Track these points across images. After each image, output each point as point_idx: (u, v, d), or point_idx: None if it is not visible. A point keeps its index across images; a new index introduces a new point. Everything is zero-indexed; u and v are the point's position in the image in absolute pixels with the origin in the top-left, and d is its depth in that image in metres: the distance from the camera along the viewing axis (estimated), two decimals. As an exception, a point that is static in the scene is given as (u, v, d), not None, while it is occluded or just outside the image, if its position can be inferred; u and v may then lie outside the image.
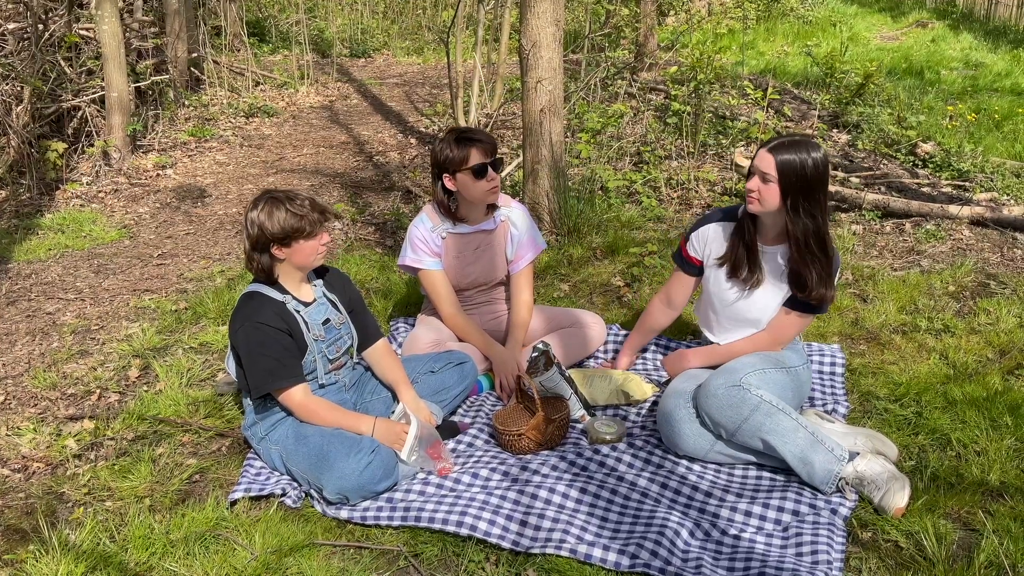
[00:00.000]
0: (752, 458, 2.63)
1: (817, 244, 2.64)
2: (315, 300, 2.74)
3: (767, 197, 2.61)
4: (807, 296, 2.70)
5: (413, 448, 2.59)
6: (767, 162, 2.58)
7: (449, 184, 3.07)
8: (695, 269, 2.95)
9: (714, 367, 2.84)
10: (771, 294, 2.78)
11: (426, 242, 3.16)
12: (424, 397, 2.88)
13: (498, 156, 3.08)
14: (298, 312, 2.66)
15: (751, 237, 2.76)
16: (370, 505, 2.48)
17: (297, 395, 2.60)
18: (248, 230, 2.58)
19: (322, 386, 2.75)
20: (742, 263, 2.78)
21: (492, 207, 3.23)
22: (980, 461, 2.62)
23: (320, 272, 2.83)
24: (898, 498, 2.37)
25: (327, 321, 2.74)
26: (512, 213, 3.28)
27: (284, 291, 2.67)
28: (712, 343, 2.94)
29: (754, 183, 2.63)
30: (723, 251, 2.83)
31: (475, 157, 3.00)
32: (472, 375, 3.04)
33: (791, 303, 2.75)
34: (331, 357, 2.75)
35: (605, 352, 3.44)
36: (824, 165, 2.58)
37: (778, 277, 2.76)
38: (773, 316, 2.79)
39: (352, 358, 2.88)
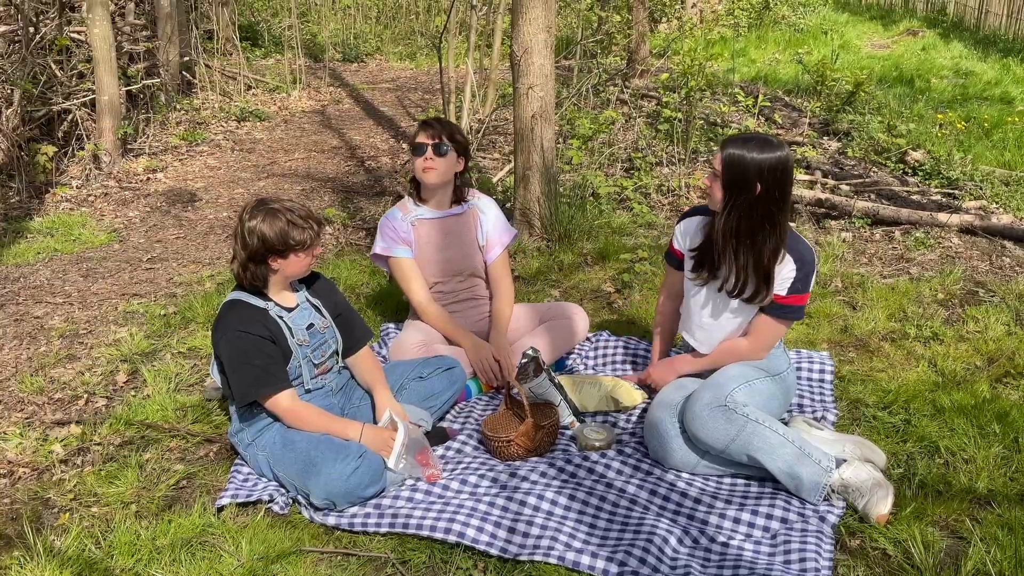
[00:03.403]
0: (739, 471, 2.63)
1: (748, 245, 2.58)
2: (298, 305, 2.73)
3: (713, 192, 2.60)
4: (738, 295, 2.67)
5: (401, 455, 2.58)
6: (717, 157, 2.57)
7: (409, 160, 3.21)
8: (678, 262, 2.93)
9: (701, 374, 2.84)
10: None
11: (395, 230, 3.32)
12: (413, 403, 2.88)
13: (444, 142, 3.18)
14: (281, 318, 2.65)
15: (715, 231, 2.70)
16: (358, 511, 2.47)
17: (284, 401, 2.59)
18: (247, 240, 2.54)
19: (308, 391, 2.74)
20: (705, 256, 2.74)
21: (459, 196, 3.36)
22: (968, 469, 2.62)
23: (304, 277, 2.80)
24: (881, 505, 2.37)
25: (311, 326, 2.72)
26: (480, 202, 3.45)
27: (267, 298, 2.66)
28: (692, 347, 2.89)
29: (708, 179, 2.62)
30: (697, 243, 2.80)
31: (419, 137, 3.22)
32: (461, 380, 3.04)
33: (766, 308, 2.72)
34: (316, 362, 2.74)
35: (592, 351, 3.44)
36: (774, 166, 2.49)
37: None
38: (747, 315, 2.75)
39: (338, 362, 2.87)
